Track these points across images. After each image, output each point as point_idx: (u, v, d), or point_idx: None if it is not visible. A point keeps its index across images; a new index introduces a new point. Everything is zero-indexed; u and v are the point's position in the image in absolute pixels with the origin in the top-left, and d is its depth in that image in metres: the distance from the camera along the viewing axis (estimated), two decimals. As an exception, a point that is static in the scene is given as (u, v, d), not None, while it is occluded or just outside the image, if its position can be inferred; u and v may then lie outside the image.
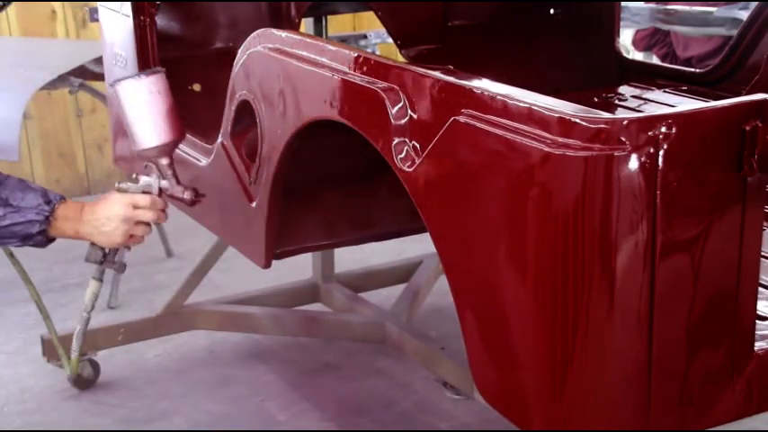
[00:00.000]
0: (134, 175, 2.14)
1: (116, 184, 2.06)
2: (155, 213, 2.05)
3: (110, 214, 2.00)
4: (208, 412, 2.89)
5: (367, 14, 3.47)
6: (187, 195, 2.16)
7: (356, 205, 2.43)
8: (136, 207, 2.02)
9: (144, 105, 2.06)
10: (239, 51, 2.19)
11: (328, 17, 3.17)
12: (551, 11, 3.13)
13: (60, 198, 2.01)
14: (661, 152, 1.37)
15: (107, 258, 2.11)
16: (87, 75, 3.56)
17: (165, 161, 2.11)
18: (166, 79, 2.10)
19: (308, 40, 2.00)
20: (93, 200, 2.26)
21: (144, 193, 2.06)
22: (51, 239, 2.03)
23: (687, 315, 1.46)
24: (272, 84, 2.07)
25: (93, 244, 2.08)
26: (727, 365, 1.51)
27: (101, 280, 2.21)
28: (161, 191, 2.10)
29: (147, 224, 2.05)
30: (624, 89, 2.95)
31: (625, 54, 3.18)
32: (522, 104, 1.45)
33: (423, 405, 2.90)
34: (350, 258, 3.44)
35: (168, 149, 2.11)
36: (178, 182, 2.14)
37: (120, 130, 2.91)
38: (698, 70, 2.86)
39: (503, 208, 1.50)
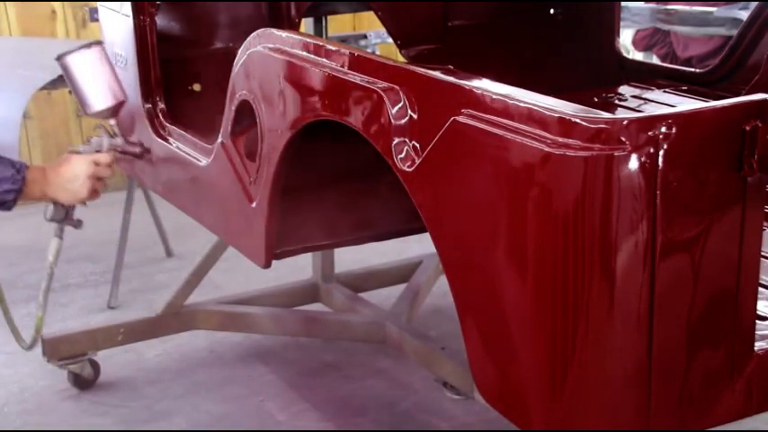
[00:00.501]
0: (87, 139, 2.35)
1: (69, 147, 2.27)
2: (111, 170, 2.27)
3: (76, 172, 2.21)
4: (208, 412, 2.89)
5: (367, 14, 3.47)
6: (138, 149, 2.40)
7: (356, 205, 2.43)
8: (97, 164, 2.24)
9: (93, 73, 2.34)
10: (239, 51, 2.19)
11: (328, 17, 3.18)
12: (551, 11, 3.13)
13: (24, 165, 2.19)
14: (661, 152, 1.37)
15: (68, 216, 2.31)
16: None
17: (113, 121, 2.37)
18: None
19: (308, 40, 2.01)
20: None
21: (97, 152, 2.28)
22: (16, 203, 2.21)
23: (687, 315, 1.46)
24: (272, 84, 2.07)
25: (55, 203, 2.28)
26: (727, 365, 1.51)
27: (62, 237, 2.40)
28: (111, 148, 2.33)
29: (104, 180, 2.27)
30: (624, 89, 2.95)
31: (625, 54, 3.19)
32: (522, 104, 1.45)
33: (423, 405, 2.90)
34: (350, 258, 3.44)
35: (116, 110, 2.37)
36: (126, 139, 2.36)
37: (121, 129, 2.91)
38: (698, 70, 2.86)
39: (503, 208, 1.50)
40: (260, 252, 2.22)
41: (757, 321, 1.56)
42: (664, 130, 1.37)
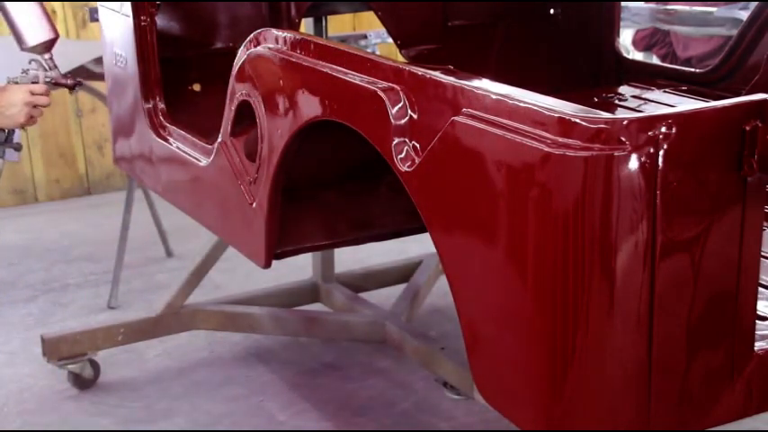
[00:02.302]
0: (22, 70, 2.53)
1: (7, 78, 2.47)
2: (47, 99, 2.44)
3: (14, 100, 2.40)
4: (208, 412, 2.89)
5: (367, 14, 3.47)
6: (70, 81, 2.56)
7: (356, 205, 2.43)
8: (33, 93, 2.41)
9: (27, 11, 2.51)
10: (239, 51, 2.19)
11: (328, 17, 3.17)
12: (551, 11, 3.13)
13: None
14: (661, 152, 1.37)
15: (8, 139, 2.49)
16: (87, 75, 3.56)
17: (47, 56, 2.53)
18: None
19: (308, 39, 2.01)
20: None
21: (33, 83, 2.47)
22: None
23: (687, 315, 1.46)
24: (272, 84, 2.07)
25: None
26: (727, 365, 1.51)
27: (3, 157, 2.58)
28: (48, 81, 2.52)
29: (40, 108, 2.45)
30: (624, 89, 2.95)
31: (625, 54, 3.18)
32: (522, 104, 1.46)
33: (423, 405, 2.90)
34: (350, 258, 3.44)
35: (50, 45, 2.53)
36: (59, 72, 2.54)
37: (120, 129, 2.92)
38: (698, 70, 2.85)
39: (503, 208, 1.50)
40: (260, 252, 2.22)
41: (757, 321, 1.56)
42: (664, 130, 1.37)
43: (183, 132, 2.56)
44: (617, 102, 2.87)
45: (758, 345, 1.55)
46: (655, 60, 4.43)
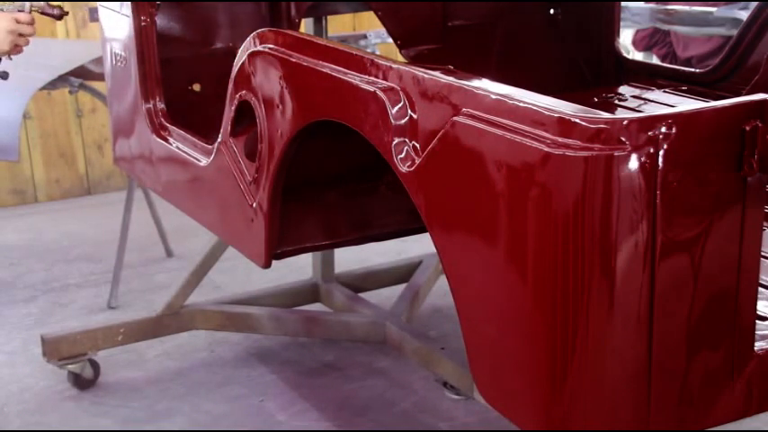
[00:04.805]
0: None
1: None
2: (32, 28, 2.40)
3: None
4: (208, 412, 2.89)
5: (367, 14, 3.47)
6: (56, 11, 2.51)
7: (356, 205, 2.43)
8: (19, 22, 2.37)
9: None
10: (239, 51, 2.19)
11: (328, 17, 3.17)
12: (551, 11, 3.13)
13: None
14: (661, 152, 1.37)
15: None
16: (87, 75, 3.57)
17: None
18: None
19: (308, 39, 2.01)
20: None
21: (19, 12, 2.42)
22: None
23: (687, 315, 1.46)
24: (272, 84, 2.07)
25: None
26: (727, 365, 1.51)
27: None
28: (34, 9, 2.46)
29: (25, 36, 2.41)
30: (624, 89, 2.95)
31: (625, 54, 3.18)
32: (522, 104, 1.46)
33: (423, 405, 2.90)
34: (350, 258, 3.44)
35: None
36: (48, 3, 2.50)
37: (120, 129, 2.92)
38: (698, 70, 2.85)
39: (503, 208, 1.50)
40: (260, 252, 2.22)
41: (757, 321, 1.56)
42: (664, 130, 1.37)
43: (183, 132, 2.56)
44: (617, 102, 2.87)
45: (758, 345, 1.55)
46: (655, 60, 4.43)
